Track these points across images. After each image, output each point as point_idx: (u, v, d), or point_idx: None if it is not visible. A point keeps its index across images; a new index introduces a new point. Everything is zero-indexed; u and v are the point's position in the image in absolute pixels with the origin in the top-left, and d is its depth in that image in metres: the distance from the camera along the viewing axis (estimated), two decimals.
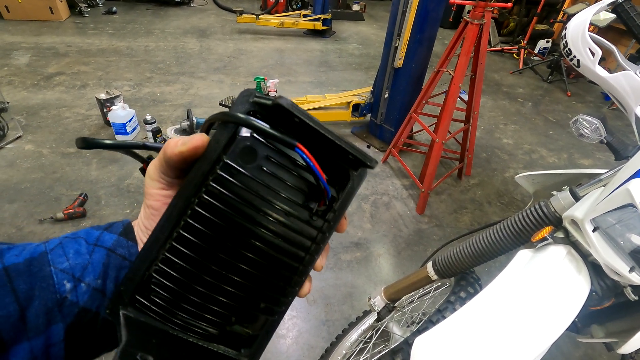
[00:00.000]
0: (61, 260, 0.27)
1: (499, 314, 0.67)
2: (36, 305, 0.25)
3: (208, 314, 0.26)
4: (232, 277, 0.26)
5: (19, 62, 3.61)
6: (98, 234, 0.30)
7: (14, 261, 0.26)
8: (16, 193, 2.07)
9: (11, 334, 0.24)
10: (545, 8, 5.46)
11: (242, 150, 0.24)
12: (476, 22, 1.89)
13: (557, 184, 0.95)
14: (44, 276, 0.26)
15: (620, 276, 0.65)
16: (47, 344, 0.26)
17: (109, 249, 0.29)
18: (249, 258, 0.26)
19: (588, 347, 1.59)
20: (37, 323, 0.25)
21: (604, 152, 3.10)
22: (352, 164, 0.27)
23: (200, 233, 0.25)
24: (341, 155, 0.26)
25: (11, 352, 0.24)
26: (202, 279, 0.25)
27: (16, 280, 0.25)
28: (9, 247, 0.27)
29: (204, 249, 0.25)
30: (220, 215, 0.25)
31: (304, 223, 0.27)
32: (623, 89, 0.69)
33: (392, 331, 1.17)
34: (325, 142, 0.25)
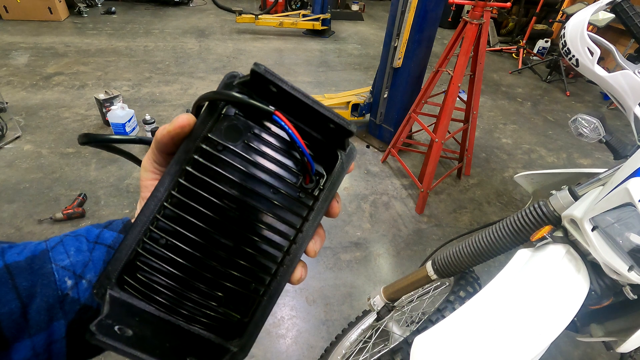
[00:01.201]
0: (62, 258, 0.27)
1: (498, 313, 0.67)
2: (38, 302, 0.25)
3: (194, 293, 0.25)
4: (218, 253, 0.25)
5: (18, 62, 3.60)
6: (98, 231, 0.30)
7: (16, 259, 0.26)
8: (15, 193, 2.07)
9: (13, 330, 0.24)
10: (544, 8, 5.47)
11: (227, 128, 0.25)
12: (475, 21, 1.89)
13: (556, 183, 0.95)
14: (46, 273, 0.26)
15: (619, 275, 0.65)
16: (49, 340, 0.26)
17: (109, 246, 0.29)
18: (235, 233, 0.26)
19: (587, 346, 1.59)
20: (39, 320, 0.25)
21: (603, 152, 3.11)
22: (335, 136, 0.26)
23: (185, 207, 0.25)
24: (322, 124, 0.25)
25: (13, 349, 0.24)
26: (188, 254, 0.25)
27: (18, 278, 0.25)
28: (10, 246, 0.27)
29: (189, 224, 0.25)
30: (205, 189, 0.25)
31: (290, 199, 0.27)
32: (622, 88, 0.69)
33: (392, 331, 1.17)
34: (305, 109, 0.25)
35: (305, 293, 1.72)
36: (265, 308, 0.28)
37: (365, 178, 2.52)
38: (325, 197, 0.28)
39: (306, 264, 0.30)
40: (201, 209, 0.25)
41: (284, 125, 0.24)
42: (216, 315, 0.26)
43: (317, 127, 0.26)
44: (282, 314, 1.62)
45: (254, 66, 0.23)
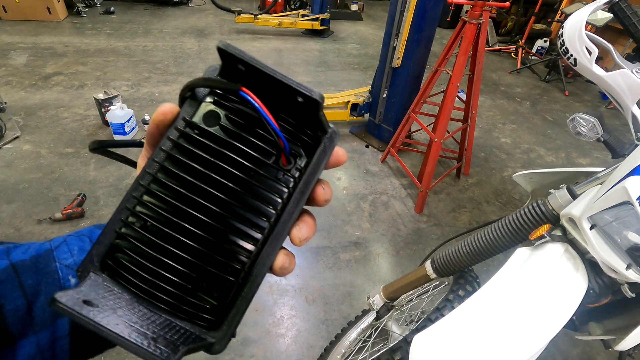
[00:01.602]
0: (66, 257, 0.28)
1: (497, 311, 0.68)
2: (42, 300, 0.26)
3: (168, 274, 0.25)
4: (193, 232, 0.25)
5: (17, 62, 3.60)
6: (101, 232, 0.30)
7: (21, 258, 0.26)
8: (14, 193, 2.07)
9: (19, 327, 0.25)
10: (543, 8, 5.48)
11: (205, 114, 0.26)
12: (474, 21, 1.90)
13: (555, 182, 0.95)
14: (50, 272, 0.26)
15: (617, 273, 0.65)
16: (53, 337, 0.26)
17: None
18: (210, 213, 0.25)
19: (586, 345, 1.59)
20: (44, 317, 0.26)
21: (601, 151, 3.12)
22: (307, 111, 0.26)
23: (162, 186, 0.25)
24: (292, 100, 0.25)
25: (19, 345, 0.25)
26: (164, 234, 0.25)
27: (23, 276, 0.25)
28: (15, 246, 0.28)
29: (165, 202, 0.25)
30: (180, 169, 0.25)
31: (267, 180, 0.26)
32: (620, 87, 0.70)
33: (391, 330, 1.18)
34: (270, 82, 0.24)
35: (305, 292, 1.72)
36: (244, 297, 0.26)
37: (364, 178, 2.52)
38: (307, 180, 0.27)
39: (293, 254, 0.29)
40: (176, 187, 0.25)
41: (250, 100, 0.24)
42: (190, 300, 0.25)
43: (290, 107, 0.26)
44: (282, 314, 1.62)
45: (218, 43, 0.23)
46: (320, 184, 0.28)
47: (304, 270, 1.83)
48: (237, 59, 0.24)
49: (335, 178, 2.48)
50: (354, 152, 2.77)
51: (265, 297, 1.68)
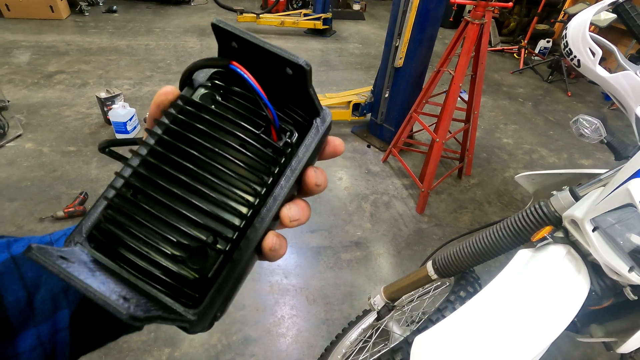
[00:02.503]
0: None
1: (499, 313, 0.68)
2: (43, 292, 0.26)
3: (149, 239, 0.24)
4: (178, 196, 0.24)
5: (20, 61, 3.61)
6: None
7: (21, 251, 0.27)
8: (16, 191, 2.07)
9: (19, 319, 0.25)
10: (546, 8, 5.46)
11: (202, 95, 0.27)
12: (477, 21, 1.89)
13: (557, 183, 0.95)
14: None
15: (620, 276, 0.65)
16: (53, 329, 0.26)
17: None
18: (196, 179, 0.25)
19: (587, 347, 1.59)
20: (44, 309, 0.26)
21: (604, 152, 3.10)
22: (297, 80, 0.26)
23: (152, 153, 0.26)
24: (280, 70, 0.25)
25: (19, 337, 0.25)
26: (152, 201, 0.24)
27: (23, 268, 0.26)
28: (15, 239, 0.28)
29: (152, 167, 0.25)
30: (172, 136, 0.26)
31: (256, 152, 0.26)
32: (623, 88, 0.69)
33: (392, 330, 1.18)
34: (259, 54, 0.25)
35: (306, 292, 1.72)
36: (228, 275, 0.25)
37: (366, 178, 2.52)
38: (299, 158, 0.27)
39: (284, 236, 0.27)
40: (164, 151, 0.25)
41: (240, 72, 0.25)
42: (171, 270, 0.24)
43: (283, 87, 0.27)
44: (283, 313, 1.62)
45: (213, 20, 0.24)
46: (312, 167, 0.28)
47: (304, 269, 1.83)
48: (229, 33, 0.24)
49: (336, 178, 2.48)
50: (356, 152, 2.77)
51: (266, 296, 1.69)
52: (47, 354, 0.26)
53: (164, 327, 1.51)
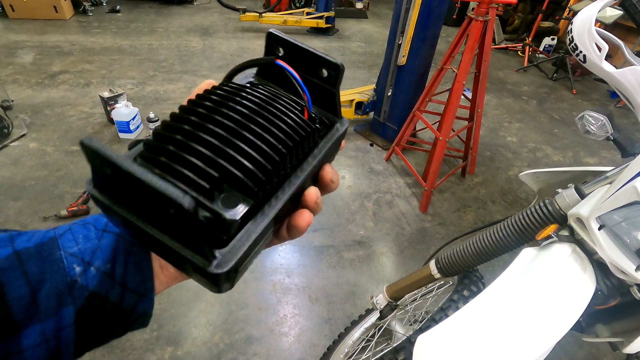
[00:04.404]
0: (71, 245, 0.27)
1: (503, 312, 0.67)
2: (47, 288, 0.25)
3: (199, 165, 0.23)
4: (227, 136, 0.24)
5: (24, 61, 3.63)
6: (106, 220, 0.30)
7: (25, 245, 0.26)
8: (20, 191, 2.08)
9: (23, 315, 0.24)
10: (551, 5, 5.41)
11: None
12: (480, 19, 1.87)
13: (562, 181, 0.94)
14: (55, 260, 0.26)
15: (627, 275, 0.64)
16: (58, 326, 0.26)
17: (118, 234, 0.29)
18: (234, 133, 0.25)
19: (592, 347, 1.57)
20: (48, 305, 0.25)
21: (609, 150, 3.07)
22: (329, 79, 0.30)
23: (195, 108, 0.26)
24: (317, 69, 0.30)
25: (23, 333, 0.25)
26: (199, 131, 0.24)
27: (27, 264, 0.25)
28: (19, 233, 0.27)
29: (209, 109, 0.26)
30: (223, 97, 0.27)
31: (297, 117, 0.28)
32: (630, 84, 0.68)
33: (395, 329, 1.17)
34: (303, 56, 0.30)
35: (308, 291, 1.72)
36: (257, 223, 0.24)
37: (368, 176, 2.51)
38: (320, 148, 0.30)
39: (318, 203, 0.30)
40: (221, 99, 0.26)
41: (283, 65, 0.29)
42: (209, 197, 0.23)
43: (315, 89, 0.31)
44: (285, 312, 1.62)
45: (270, 30, 0.30)
46: (329, 164, 0.31)
47: (307, 268, 1.82)
48: (281, 39, 0.30)
49: (339, 177, 2.47)
50: (358, 151, 2.76)
51: (269, 295, 1.68)
52: (51, 350, 0.26)
53: (167, 325, 1.51)
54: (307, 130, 0.28)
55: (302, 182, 0.28)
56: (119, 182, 0.21)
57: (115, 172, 0.20)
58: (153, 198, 0.19)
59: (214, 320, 1.56)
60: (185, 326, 1.52)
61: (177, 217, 0.19)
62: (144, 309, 0.30)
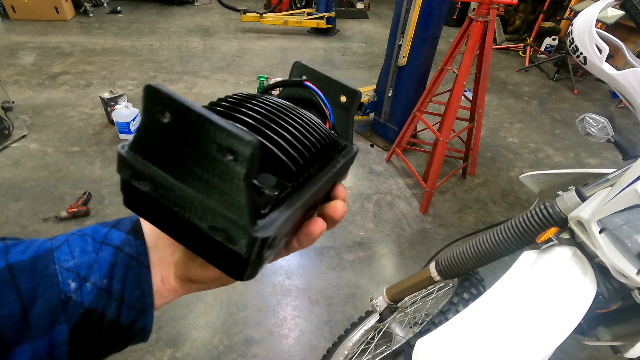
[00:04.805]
0: (66, 258, 0.26)
1: (503, 316, 0.66)
2: (40, 305, 0.24)
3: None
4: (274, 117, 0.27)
5: (25, 62, 3.64)
6: (105, 231, 0.29)
7: (19, 258, 0.25)
8: (21, 192, 2.09)
9: (13, 334, 0.24)
10: (552, 5, 5.40)
11: None
12: (481, 19, 1.87)
13: (563, 183, 0.93)
14: (48, 275, 0.25)
15: (628, 278, 0.63)
16: (50, 345, 0.25)
17: (117, 247, 0.28)
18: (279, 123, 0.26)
19: (594, 349, 1.57)
20: (41, 323, 0.24)
21: (611, 151, 3.06)
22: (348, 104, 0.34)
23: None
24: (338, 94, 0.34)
25: (13, 352, 0.24)
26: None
27: (20, 279, 0.24)
28: (14, 244, 0.27)
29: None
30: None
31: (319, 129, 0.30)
32: (631, 86, 0.67)
33: (395, 332, 1.16)
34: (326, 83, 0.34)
35: (308, 293, 1.71)
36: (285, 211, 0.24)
37: (369, 177, 2.50)
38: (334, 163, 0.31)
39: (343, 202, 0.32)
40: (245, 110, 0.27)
41: (309, 86, 0.33)
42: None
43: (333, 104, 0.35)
44: (285, 314, 1.62)
45: (298, 61, 0.36)
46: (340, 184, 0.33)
47: (307, 270, 1.82)
48: (308, 68, 0.35)
49: None
50: (359, 152, 2.75)
51: (269, 297, 1.68)
52: None
53: (166, 327, 1.51)
54: (330, 139, 0.30)
55: (318, 190, 0.28)
56: (173, 132, 0.21)
57: (179, 115, 0.20)
58: (211, 143, 0.20)
59: (214, 322, 1.55)
60: (185, 328, 1.52)
61: (228, 170, 0.20)
62: (143, 325, 0.29)
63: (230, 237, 0.21)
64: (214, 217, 0.21)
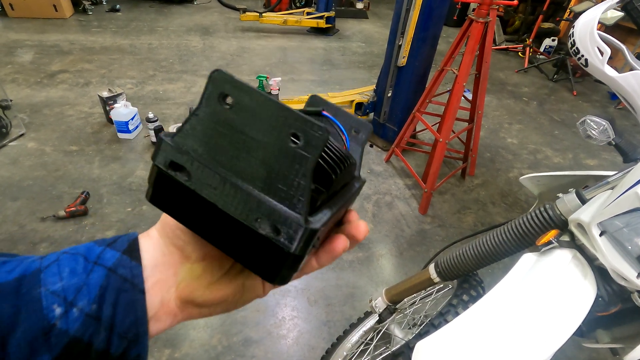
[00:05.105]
0: (54, 280, 0.24)
1: (503, 319, 0.66)
2: (20, 333, 0.22)
3: None
4: None
5: (23, 60, 3.62)
6: (100, 250, 0.27)
7: (5, 278, 0.24)
8: (19, 191, 2.08)
9: None
10: (551, 6, 5.40)
11: None
12: (481, 20, 1.87)
13: (563, 185, 0.93)
14: (32, 299, 0.23)
15: (628, 281, 0.63)
16: None
17: (109, 269, 0.26)
18: None
19: (592, 351, 1.57)
20: (20, 355, 0.22)
21: (610, 152, 3.07)
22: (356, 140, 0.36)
23: None
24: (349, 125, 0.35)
25: None
26: None
27: (2, 303, 0.23)
28: (4, 261, 0.25)
29: None
30: None
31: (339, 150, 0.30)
32: (632, 89, 0.67)
33: (394, 333, 1.16)
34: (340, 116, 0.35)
35: (307, 293, 1.71)
36: (324, 215, 0.24)
37: (368, 177, 2.50)
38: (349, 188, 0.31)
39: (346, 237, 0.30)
40: None
41: (328, 116, 0.34)
42: None
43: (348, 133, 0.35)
44: (284, 314, 1.61)
45: (313, 94, 0.36)
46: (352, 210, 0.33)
47: None
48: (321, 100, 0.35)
49: None
50: None
51: (267, 297, 1.67)
52: None
53: None
54: (352, 161, 0.30)
55: (341, 207, 0.28)
56: (235, 119, 0.21)
57: (247, 100, 0.21)
58: (281, 129, 0.20)
59: (212, 323, 1.55)
60: (183, 328, 1.52)
61: (295, 157, 0.20)
62: (136, 354, 0.26)
63: (277, 230, 0.21)
64: (263, 207, 0.21)
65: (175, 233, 0.28)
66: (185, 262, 0.29)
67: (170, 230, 0.28)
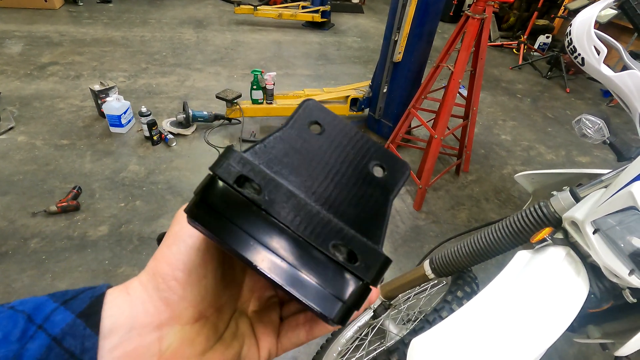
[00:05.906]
0: None
1: (497, 315, 0.67)
2: None
3: None
4: None
5: (12, 51, 3.54)
6: (51, 308, 0.20)
7: None
8: (8, 185, 2.04)
9: None
10: (546, 3, 5.42)
11: None
12: (477, 16, 1.86)
13: (557, 183, 0.94)
14: None
15: (620, 278, 0.64)
16: None
17: (54, 338, 0.19)
18: None
19: (582, 345, 1.60)
20: None
21: (602, 150, 3.10)
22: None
23: None
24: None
25: None
26: None
27: None
28: None
29: None
30: None
31: None
32: (628, 88, 0.68)
33: (388, 329, 1.17)
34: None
35: None
36: None
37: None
38: None
39: None
40: None
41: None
42: None
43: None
44: None
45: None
46: None
47: None
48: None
49: None
50: None
51: None
52: None
53: None
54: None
55: None
56: (320, 146, 0.22)
57: (335, 130, 0.23)
58: (369, 159, 0.22)
59: None
60: None
61: (378, 185, 0.22)
62: None
63: (353, 257, 0.19)
64: (341, 234, 0.20)
65: (169, 284, 0.22)
66: (174, 323, 0.22)
67: (162, 280, 0.22)
